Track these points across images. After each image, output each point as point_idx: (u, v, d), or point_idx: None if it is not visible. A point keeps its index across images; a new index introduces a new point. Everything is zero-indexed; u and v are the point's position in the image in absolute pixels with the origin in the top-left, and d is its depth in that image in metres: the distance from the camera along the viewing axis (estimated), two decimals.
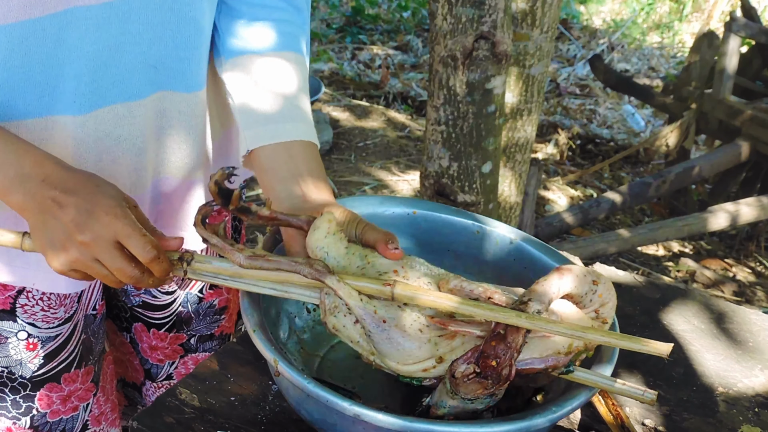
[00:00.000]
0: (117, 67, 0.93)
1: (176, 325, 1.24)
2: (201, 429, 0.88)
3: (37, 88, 0.89)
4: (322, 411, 0.79)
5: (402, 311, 0.79)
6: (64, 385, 1.09)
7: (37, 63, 0.88)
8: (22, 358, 1.04)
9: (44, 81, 0.89)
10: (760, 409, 1.03)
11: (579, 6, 7.15)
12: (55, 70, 0.89)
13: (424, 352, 0.79)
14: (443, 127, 1.79)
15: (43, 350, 1.05)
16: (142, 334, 1.24)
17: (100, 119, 0.94)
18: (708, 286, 3.30)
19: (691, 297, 1.28)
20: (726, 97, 3.66)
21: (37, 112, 0.90)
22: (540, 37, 2.20)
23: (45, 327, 1.04)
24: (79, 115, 0.92)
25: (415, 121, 4.64)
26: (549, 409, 0.77)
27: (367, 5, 6.59)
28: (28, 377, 1.05)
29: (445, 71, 1.73)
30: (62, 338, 1.06)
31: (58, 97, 0.91)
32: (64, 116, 0.92)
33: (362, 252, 0.84)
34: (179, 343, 1.26)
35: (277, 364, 0.77)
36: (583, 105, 5.26)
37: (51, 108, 0.91)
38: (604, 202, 3.28)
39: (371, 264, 0.82)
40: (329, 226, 0.84)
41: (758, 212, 3.28)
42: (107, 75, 0.92)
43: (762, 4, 6.88)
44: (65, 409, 1.11)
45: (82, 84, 0.91)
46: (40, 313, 1.03)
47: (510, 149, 2.33)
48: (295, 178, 0.98)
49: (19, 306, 1.01)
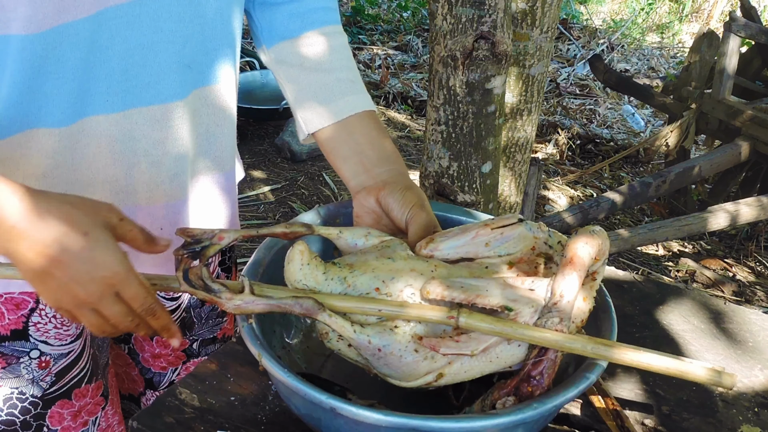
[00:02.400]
0: (151, 67, 0.92)
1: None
2: (201, 429, 0.88)
3: (71, 95, 0.88)
4: (307, 405, 0.79)
5: (395, 335, 0.78)
6: (75, 401, 1.08)
7: (71, 68, 0.87)
8: (34, 377, 1.03)
9: (77, 86, 0.88)
10: (760, 409, 1.03)
11: (579, 6, 7.14)
12: (87, 74, 0.88)
13: (423, 368, 0.79)
14: (443, 127, 1.79)
15: (55, 367, 1.04)
16: (144, 343, 1.23)
17: (134, 119, 0.93)
18: (708, 286, 3.29)
19: (691, 297, 1.28)
20: (726, 97, 3.66)
21: (70, 118, 0.89)
22: (540, 37, 2.20)
23: (57, 344, 1.03)
24: (112, 114, 0.91)
25: (415, 121, 4.64)
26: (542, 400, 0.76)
27: (367, 5, 6.59)
28: (40, 396, 1.04)
29: (445, 71, 1.72)
30: (74, 355, 1.05)
31: (90, 100, 0.90)
32: (97, 116, 0.91)
33: (340, 275, 0.81)
34: (182, 349, 1.26)
35: (261, 358, 0.77)
36: (583, 105, 5.26)
37: (83, 111, 0.90)
38: (604, 202, 3.28)
39: (352, 287, 0.80)
40: (302, 258, 0.82)
41: (758, 212, 3.28)
42: (141, 75, 0.92)
43: (762, 4, 6.88)
44: (75, 425, 1.10)
45: (114, 83, 0.90)
46: (52, 331, 1.02)
47: (510, 149, 2.33)
48: (357, 156, 0.99)
49: (31, 324, 1.00)
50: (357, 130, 1.01)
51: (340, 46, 1.07)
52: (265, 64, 1.09)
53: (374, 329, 0.78)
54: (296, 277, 0.81)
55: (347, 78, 1.04)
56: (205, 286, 0.80)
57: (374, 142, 1.01)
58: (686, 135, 3.87)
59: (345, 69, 1.05)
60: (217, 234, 0.83)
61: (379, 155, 1.00)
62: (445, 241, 0.85)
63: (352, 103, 1.02)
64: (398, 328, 0.78)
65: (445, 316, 0.77)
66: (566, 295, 0.79)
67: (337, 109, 1.01)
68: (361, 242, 0.87)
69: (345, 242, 0.87)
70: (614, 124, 5.04)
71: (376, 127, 1.03)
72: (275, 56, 1.07)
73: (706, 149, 4.29)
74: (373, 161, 0.99)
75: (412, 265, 0.81)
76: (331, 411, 0.73)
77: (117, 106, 0.91)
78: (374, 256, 0.83)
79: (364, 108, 1.03)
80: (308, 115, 1.03)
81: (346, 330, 0.78)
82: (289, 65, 1.05)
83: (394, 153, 1.02)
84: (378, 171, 0.99)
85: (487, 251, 0.84)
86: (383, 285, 0.80)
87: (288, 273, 0.82)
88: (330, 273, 0.82)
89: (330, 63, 1.04)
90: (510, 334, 0.77)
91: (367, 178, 0.98)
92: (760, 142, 3.53)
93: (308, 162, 3.98)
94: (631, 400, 1.01)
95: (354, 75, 1.06)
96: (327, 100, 1.02)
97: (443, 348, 0.78)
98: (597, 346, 0.78)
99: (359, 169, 1.00)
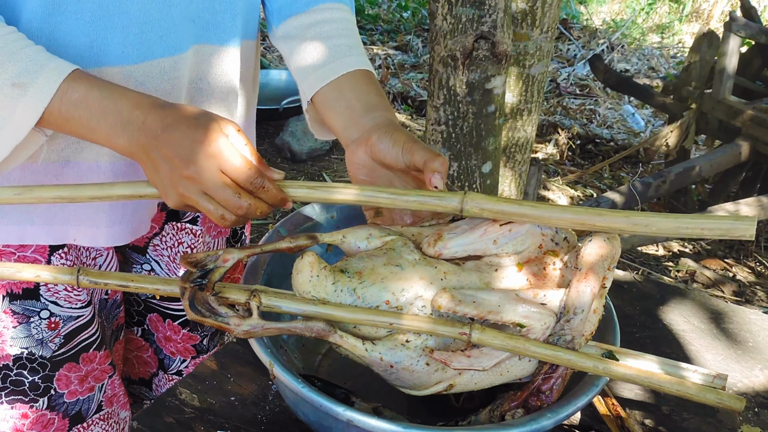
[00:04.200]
0: (164, 21, 0.94)
1: (190, 323, 1.24)
2: (201, 429, 0.88)
3: (87, 39, 0.90)
4: (318, 414, 0.79)
5: (406, 349, 0.79)
6: (83, 365, 1.10)
7: (89, 12, 0.89)
8: (43, 337, 1.05)
9: (94, 32, 0.90)
10: (760, 409, 1.03)
11: (579, 6, 7.15)
12: (104, 21, 0.90)
13: (434, 378, 0.80)
14: (443, 127, 1.79)
15: (64, 329, 1.06)
16: (158, 324, 1.25)
17: (147, 72, 0.95)
18: (708, 286, 3.29)
19: (691, 297, 1.28)
20: (726, 97, 3.66)
21: (86, 64, 0.90)
22: (540, 37, 2.20)
23: (67, 306, 1.05)
24: (126, 65, 0.93)
25: (415, 121, 4.65)
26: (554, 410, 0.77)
27: (367, 5, 6.59)
28: (48, 357, 1.06)
29: (445, 71, 1.72)
30: (84, 320, 1.07)
31: (106, 49, 0.92)
32: (112, 67, 0.93)
33: (350, 285, 0.81)
34: (192, 344, 1.27)
35: (273, 368, 0.77)
36: (583, 105, 5.26)
37: (99, 60, 0.92)
38: (604, 202, 3.28)
39: (361, 298, 0.80)
40: (311, 270, 0.81)
41: (758, 212, 3.28)
42: (155, 28, 0.94)
43: (762, 4, 6.88)
44: (82, 390, 1.12)
45: (130, 35, 0.92)
46: (62, 293, 1.04)
47: (510, 149, 2.33)
48: (347, 111, 0.99)
49: (42, 284, 1.02)
50: (347, 86, 1.00)
51: (342, 19, 1.08)
52: (274, 44, 1.11)
53: (385, 345, 0.79)
54: (305, 288, 0.81)
55: (345, 44, 1.05)
56: (213, 312, 0.80)
57: (361, 95, 0.99)
58: (686, 135, 3.87)
59: (344, 36, 1.06)
60: (221, 256, 0.83)
61: (365, 105, 0.98)
62: (453, 239, 0.84)
63: (346, 64, 1.02)
64: (409, 342, 0.79)
65: (457, 332, 0.77)
66: (579, 313, 0.78)
67: (330, 70, 1.01)
68: (363, 245, 0.87)
69: (349, 246, 0.87)
70: (614, 124, 5.04)
71: (366, 82, 1.02)
72: (282, 33, 1.09)
73: (706, 149, 4.29)
74: (359, 113, 0.98)
75: (421, 273, 0.81)
76: (347, 422, 0.73)
77: (132, 58, 0.93)
78: (382, 262, 0.82)
79: (357, 67, 1.02)
80: (307, 83, 1.04)
81: (357, 349, 0.79)
82: (292, 38, 1.07)
83: (381, 102, 1.00)
84: (364, 121, 0.97)
85: (496, 248, 0.84)
86: (393, 297, 0.79)
87: (297, 283, 0.82)
88: (339, 284, 0.81)
89: (329, 32, 1.05)
90: (522, 351, 0.77)
91: (356, 130, 0.97)
92: (760, 142, 3.53)
93: (308, 162, 3.98)
94: (631, 400, 1.01)
95: (353, 42, 1.06)
96: (323, 63, 1.02)
97: (455, 363, 0.78)
98: (607, 366, 0.78)
99: (348, 123, 0.98)
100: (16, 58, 0.80)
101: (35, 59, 0.81)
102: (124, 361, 1.31)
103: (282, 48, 1.09)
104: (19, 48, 0.81)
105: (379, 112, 0.97)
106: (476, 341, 0.77)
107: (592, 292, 0.79)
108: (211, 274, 0.81)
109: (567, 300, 0.79)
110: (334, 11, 1.08)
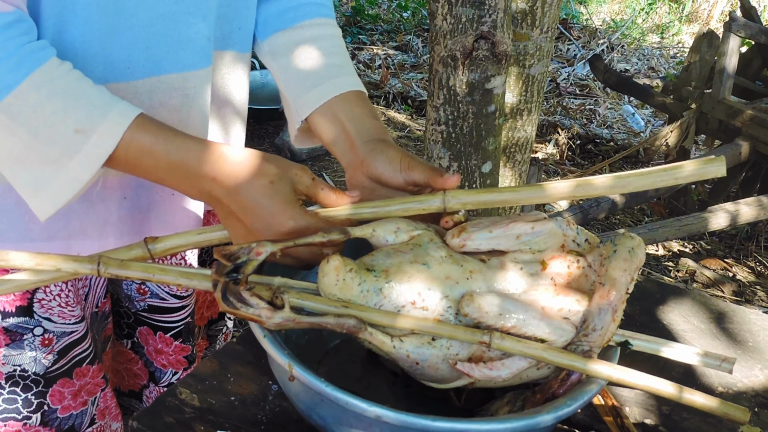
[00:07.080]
0: (171, 37, 0.94)
1: (183, 334, 1.22)
2: (201, 429, 0.88)
3: (94, 59, 0.90)
4: (338, 414, 0.79)
5: (432, 348, 0.81)
6: (76, 380, 1.09)
7: (96, 32, 0.89)
8: (36, 354, 1.04)
9: (100, 51, 0.90)
10: (760, 409, 1.03)
11: (579, 6, 7.15)
12: (110, 39, 0.90)
13: (457, 374, 0.82)
14: (443, 127, 1.79)
15: (58, 345, 1.05)
16: (148, 337, 1.23)
17: (153, 87, 0.95)
18: (708, 286, 3.30)
19: (691, 297, 1.28)
20: (726, 97, 3.67)
21: (94, 79, 0.90)
22: (540, 37, 2.20)
23: (61, 322, 1.04)
24: (131, 81, 0.93)
25: (415, 121, 4.65)
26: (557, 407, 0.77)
27: (367, 5, 6.59)
28: (42, 373, 1.05)
29: (445, 71, 1.73)
30: (77, 335, 1.06)
31: (110, 66, 0.92)
32: (117, 84, 0.92)
33: (376, 285, 0.82)
34: (184, 355, 1.25)
35: (292, 369, 0.77)
36: (583, 105, 5.27)
37: (104, 78, 0.91)
38: (604, 202, 3.28)
39: (387, 299, 0.81)
40: (337, 275, 0.82)
41: (758, 212, 3.28)
42: (162, 44, 0.94)
43: (762, 4, 6.89)
44: (75, 404, 1.11)
45: (135, 51, 0.92)
46: (56, 308, 1.03)
47: (510, 149, 2.33)
48: (342, 135, 1.00)
49: (36, 301, 1.01)
50: (339, 109, 1.01)
51: (330, 36, 1.09)
52: (262, 60, 1.11)
53: (412, 343, 0.80)
54: (331, 291, 0.82)
55: (335, 63, 1.05)
56: (245, 303, 0.80)
57: (355, 118, 1.00)
58: (686, 135, 3.88)
59: (334, 56, 1.06)
60: (254, 249, 0.83)
61: (358, 129, 0.99)
62: (476, 232, 0.85)
63: (337, 85, 1.02)
64: (435, 341, 0.81)
65: (477, 340, 0.79)
66: (599, 330, 0.80)
67: (321, 92, 1.02)
68: (392, 238, 0.88)
69: (378, 239, 0.89)
70: (614, 124, 5.05)
71: (359, 104, 1.02)
72: (269, 49, 1.09)
73: (706, 149, 4.29)
74: (353, 137, 0.99)
75: (447, 272, 0.82)
76: (374, 419, 0.73)
77: (137, 73, 0.94)
78: (409, 259, 0.83)
79: (348, 88, 1.03)
80: (299, 104, 1.04)
81: (386, 345, 0.80)
82: (281, 56, 1.07)
83: (373, 123, 1.01)
84: (359, 145, 0.98)
85: (518, 245, 0.86)
86: (419, 298, 0.81)
87: (323, 286, 0.83)
88: (366, 284, 0.82)
89: (318, 51, 1.06)
90: (541, 357, 0.80)
91: (353, 155, 0.98)
92: (760, 142, 3.53)
93: (308, 162, 3.98)
94: (632, 400, 1.01)
95: (342, 60, 1.07)
96: (314, 85, 1.03)
97: (476, 373, 0.80)
98: (623, 373, 0.81)
99: (345, 147, 1.00)
100: (81, 104, 0.81)
101: (98, 104, 0.82)
102: (114, 373, 1.30)
103: (270, 65, 1.09)
104: (81, 91, 0.82)
105: (373, 136, 0.98)
106: (495, 347, 0.80)
107: (613, 310, 0.80)
108: (245, 267, 0.82)
109: (588, 316, 0.81)
110: (321, 27, 1.08)
